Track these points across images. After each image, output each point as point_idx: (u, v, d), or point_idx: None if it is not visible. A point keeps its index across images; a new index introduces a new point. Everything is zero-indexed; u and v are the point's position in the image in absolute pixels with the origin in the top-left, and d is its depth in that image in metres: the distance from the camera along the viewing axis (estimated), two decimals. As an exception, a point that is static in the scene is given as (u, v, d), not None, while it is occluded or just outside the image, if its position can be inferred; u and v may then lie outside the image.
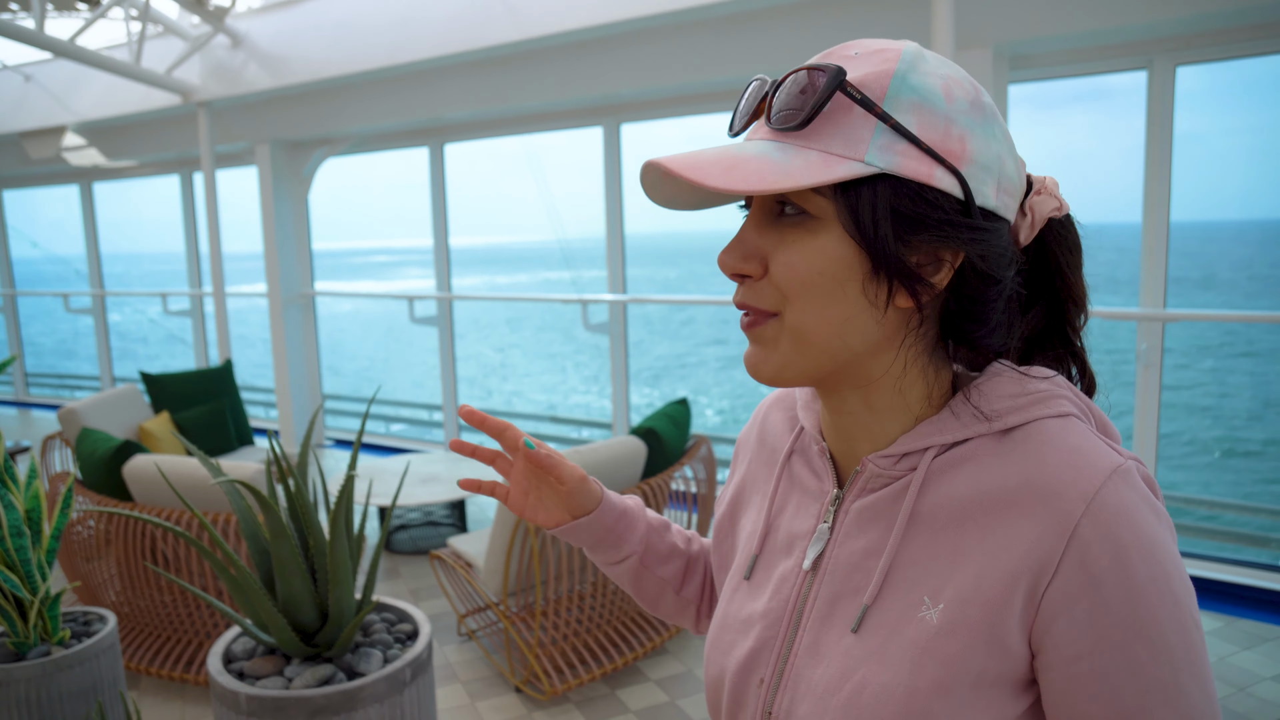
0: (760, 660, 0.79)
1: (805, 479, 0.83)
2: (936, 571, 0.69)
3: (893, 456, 0.74)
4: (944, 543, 0.70)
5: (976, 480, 0.69)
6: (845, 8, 4.31)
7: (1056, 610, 0.64)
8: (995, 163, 0.68)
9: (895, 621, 0.70)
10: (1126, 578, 0.62)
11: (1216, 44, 3.88)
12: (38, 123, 7.72)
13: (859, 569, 0.74)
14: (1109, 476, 0.64)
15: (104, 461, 3.60)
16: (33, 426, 8.80)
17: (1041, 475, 0.66)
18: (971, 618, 0.66)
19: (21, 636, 2.51)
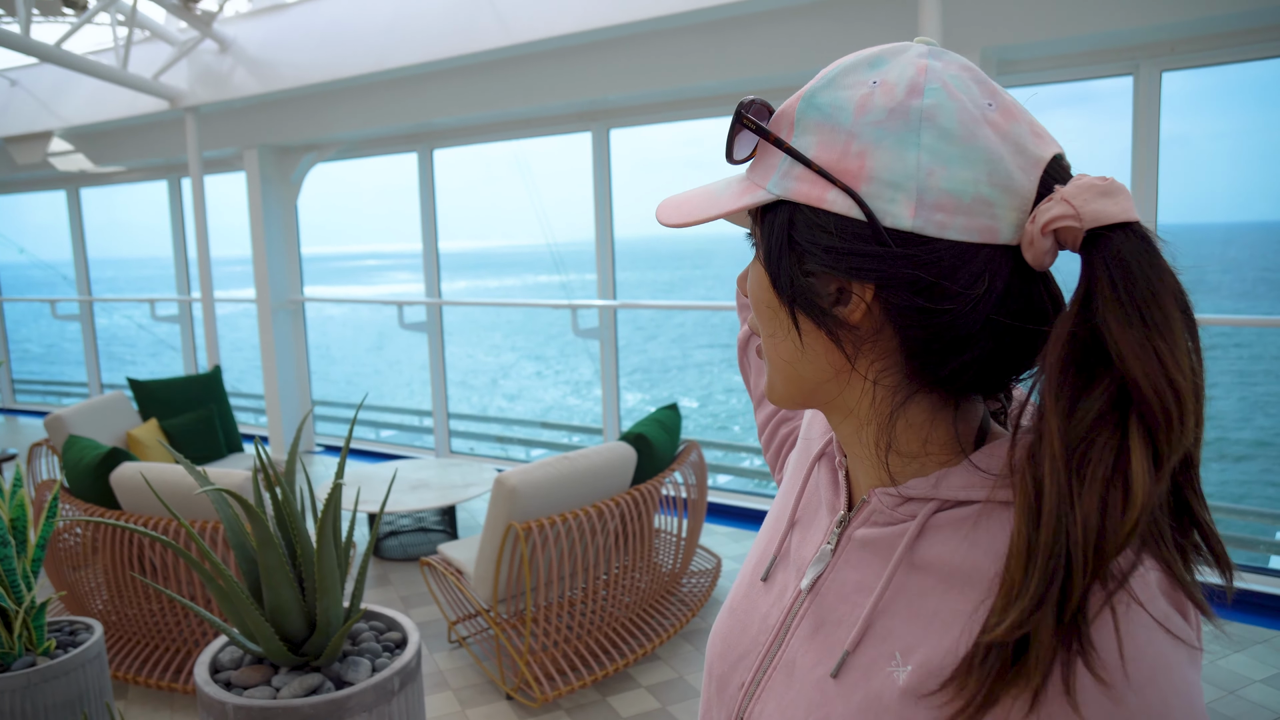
0: (745, 663, 0.79)
1: (825, 488, 0.81)
2: (912, 631, 0.65)
3: (897, 498, 0.70)
4: (927, 603, 0.65)
5: (972, 548, 0.63)
6: (834, 13, 4.32)
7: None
8: (911, 177, 0.58)
9: (866, 668, 0.67)
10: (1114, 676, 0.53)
11: (1201, 50, 3.90)
12: (24, 128, 7.68)
13: (846, 601, 0.72)
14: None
15: (91, 469, 3.58)
16: (19, 434, 8.74)
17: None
18: (931, 689, 0.62)
19: (6, 647, 2.49)
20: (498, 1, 5.05)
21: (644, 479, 3.78)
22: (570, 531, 3.35)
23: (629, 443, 3.74)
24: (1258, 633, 3.70)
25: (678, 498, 3.94)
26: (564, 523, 3.32)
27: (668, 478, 3.84)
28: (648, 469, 3.79)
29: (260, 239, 7.06)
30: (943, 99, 0.61)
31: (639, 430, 3.85)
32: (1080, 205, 0.56)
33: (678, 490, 3.94)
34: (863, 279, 0.60)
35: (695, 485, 4.03)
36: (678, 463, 3.95)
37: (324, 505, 2.09)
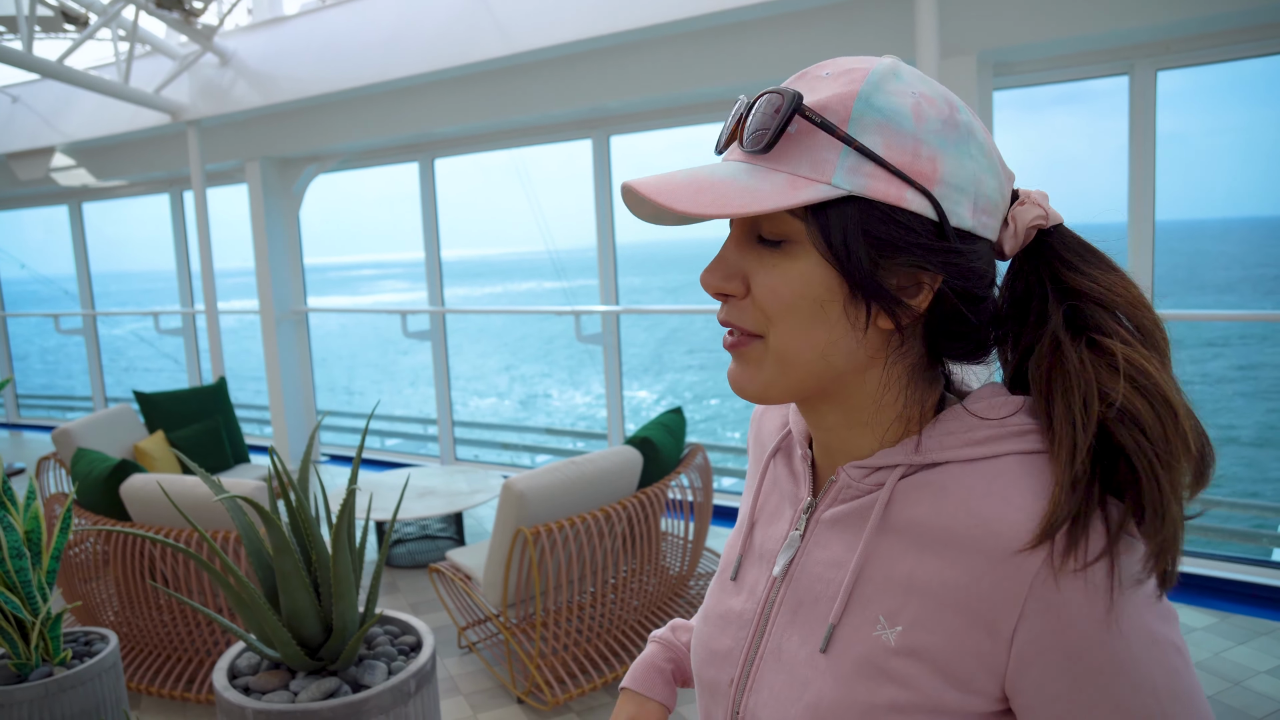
0: (731, 660, 0.80)
1: (784, 482, 0.84)
2: (894, 593, 0.69)
3: (865, 469, 0.74)
4: (904, 565, 0.69)
5: (940, 508, 0.68)
6: (831, 19, 4.36)
7: (1029, 655, 0.63)
8: (970, 183, 0.66)
9: (853, 637, 0.71)
10: (1096, 619, 0.61)
11: (1195, 49, 3.94)
12: (26, 144, 7.72)
13: (821, 579, 0.75)
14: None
15: (101, 481, 3.60)
16: (25, 448, 8.77)
17: (1004, 519, 0.64)
18: (932, 646, 0.66)
19: (23, 658, 2.51)
20: (497, 11, 5.09)
21: (650, 482, 3.80)
22: (578, 535, 3.38)
23: (635, 447, 3.77)
24: (1262, 625, 3.72)
25: (684, 501, 3.97)
26: (572, 527, 3.35)
27: (673, 481, 3.87)
28: (654, 472, 3.82)
29: (263, 250, 7.10)
30: (971, 117, 0.69)
31: (644, 434, 3.88)
32: (1047, 209, 0.71)
33: (684, 493, 3.97)
34: (936, 271, 0.67)
35: (701, 488, 4.06)
36: (683, 466, 3.97)
37: (340, 510, 2.12)
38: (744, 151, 0.68)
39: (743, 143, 0.68)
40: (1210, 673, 3.34)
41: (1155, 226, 4.22)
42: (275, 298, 7.23)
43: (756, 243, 0.69)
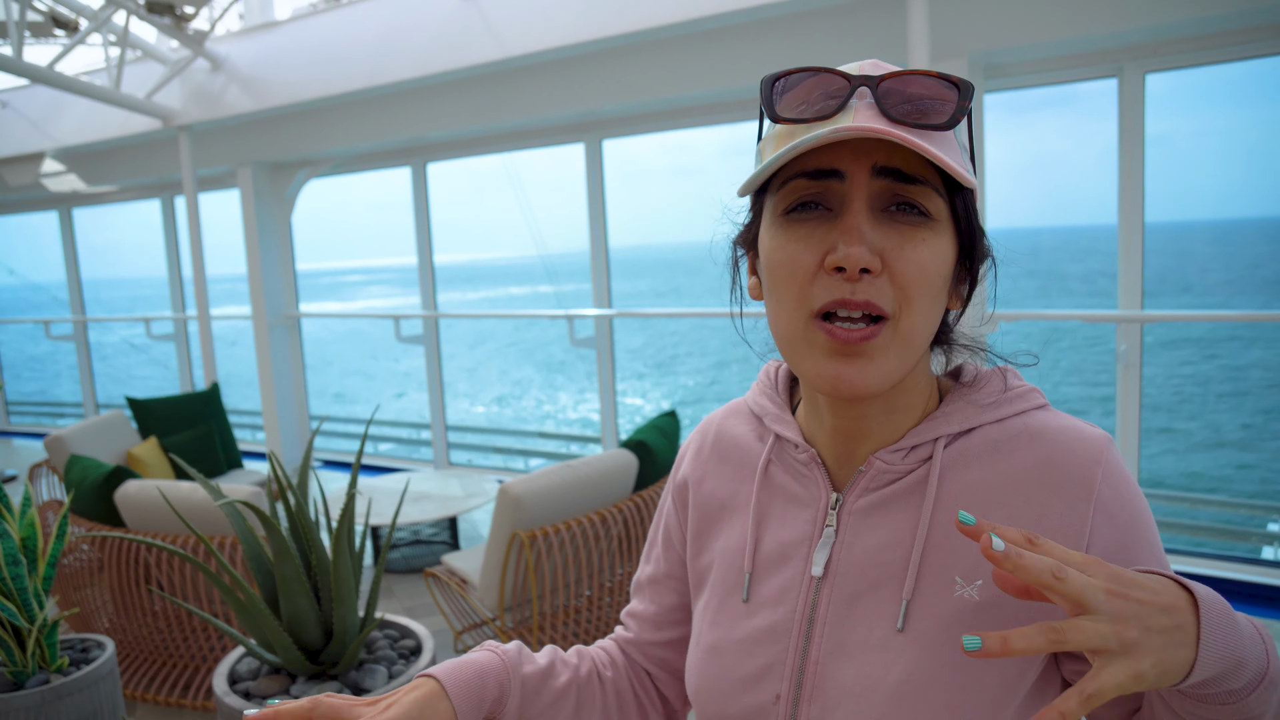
0: (772, 676, 0.78)
1: (788, 487, 0.83)
2: (964, 553, 0.72)
3: (901, 450, 0.76)
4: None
5: (994, 465, 0.74)
6: (824, 21, 4.39)
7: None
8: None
9: (930, 606, 0.73)
10: (1143, 525, 0.73)
11: (1183, 51, 3.98)
12: (15, 150, 7.69)
13: (875, 564, 0.75)
14: (1107, 446, 0.73)
15: (95, 488, 3.59)
16: (16, 455, 8.72)
17: (1056, 454, 0.73)
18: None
19: (20, 665, 2.51)
20: (489, 16, 5.10)
21: (645, 485, 3.81)
22: (574, 539, 3.39)
23: (630, 449, 3.78)
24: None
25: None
26: (568, 530, 3.36)
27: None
28: (649, 475, 3.83)
29: (255, 255, 7.09)
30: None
31: (639, 437, 3.89)
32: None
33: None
34: (987, 255, 0.77)
35: (696, 490, 4.06)
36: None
37: (340, 514, 2.12)
38: (896, 121, 0.66)
39: (890, 111, 0.66)
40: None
41: (1145, 229, 4.25)
42: (267, 303, 7.21)
43: (888, 216, 0.68)
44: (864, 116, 0.66)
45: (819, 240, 0.68)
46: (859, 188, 0.67)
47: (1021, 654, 0.57)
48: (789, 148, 0.66)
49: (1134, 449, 4.37)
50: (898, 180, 0.67)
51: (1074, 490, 0.71)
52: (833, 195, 0.68)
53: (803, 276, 0.69)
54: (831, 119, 0.67)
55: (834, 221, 0.68)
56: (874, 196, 0.68)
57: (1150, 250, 4.53)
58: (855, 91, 0.67)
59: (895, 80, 0.67)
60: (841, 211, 0.68)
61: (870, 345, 0.68)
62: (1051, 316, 4.62)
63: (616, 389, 6.38)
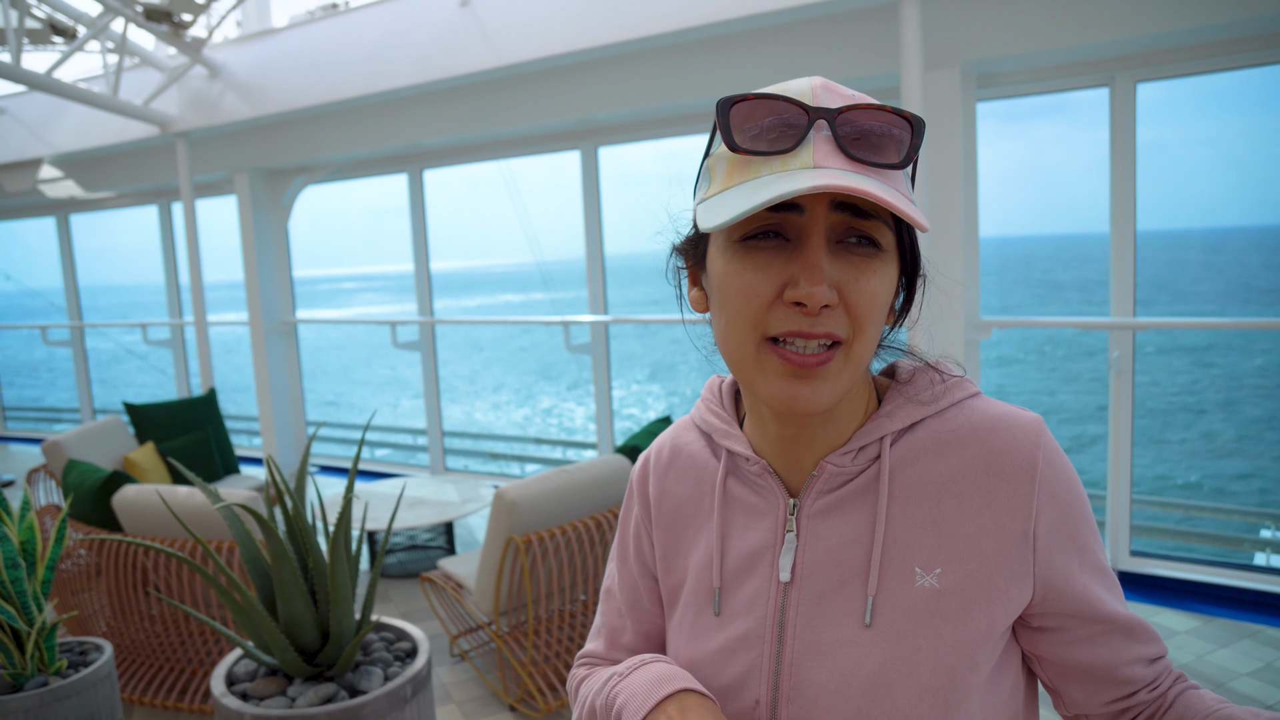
0: (750, 683, 0.79)
1: (746, 499, 0.85)
2: (921, 544, 0.77)
3: (850, 452, 0.80)
4: (921, 517, 0.77)
5: (940, 457, 0.78)
6: (816, 32, 4.42)
7: (1050, 542, 0.77)
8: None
9: (894, 598, 0.76)
10: (1079, 499, 0.79)
11: (1174, 61, 4.02)
12: (13, 156, 7.70)
13: (837, 563, 0.78)
14: (1041, 429, 0.78)
15: (93, 493, 3.61)
16: (13, 460, 8.72)
17: (997, 441, 0.78)
18: (972, 573, 0.75)
19: (19, 667, 2.52)
20: (486, 24, 5.14)
21: (641, 490, 3.83)
22: (570, 543, 3.41)
23: (625, 455, 3.80)
24: (1244, 628, 3.78)
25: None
26: (563, 535, 3.38)
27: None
28: (644, 480, 3.84)
29: (252, 261, 7.11)
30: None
31: (634, 443, 3.91)
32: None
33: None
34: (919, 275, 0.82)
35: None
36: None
37: (337, 518, 2.14)
38: (854, 159, 0.68)
39: (849, 150, 0.68)
40: (1194, 675, 3.39)
41: (1136, 237, 4.29)
42: (264, 309, 7.23)
43: (841, 249, 0.71)
44: (823, 151, 0.68)
45: (777, 271, 0.70)
46: (817, 221, 0.70)
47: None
48: (770, 196, 0.65)
49: (1126, 455, 4.40)
50: (853, 215, 0.70)
51: (1018, 474, 0.76)
52: (790, 227, 0.70)
53: (759, 304, 0.71)
54: (791, 153, 0.68)
55: (792, 252, 0.70)
56: (831, 229, 0.70)
57: (1144, 259, 4.57)
58: (813, 124, 0.69)
59: (851, 114, 0.69)
60: (800, 244, 0.70)
61: (824, 369, 0.71)
62: (1043, 324, 4.65)
63: (613, 395, 6.40)
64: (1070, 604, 0.78)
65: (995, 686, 0.78)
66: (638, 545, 0.97)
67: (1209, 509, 10.24)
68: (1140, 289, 4.38)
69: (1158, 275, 46.93)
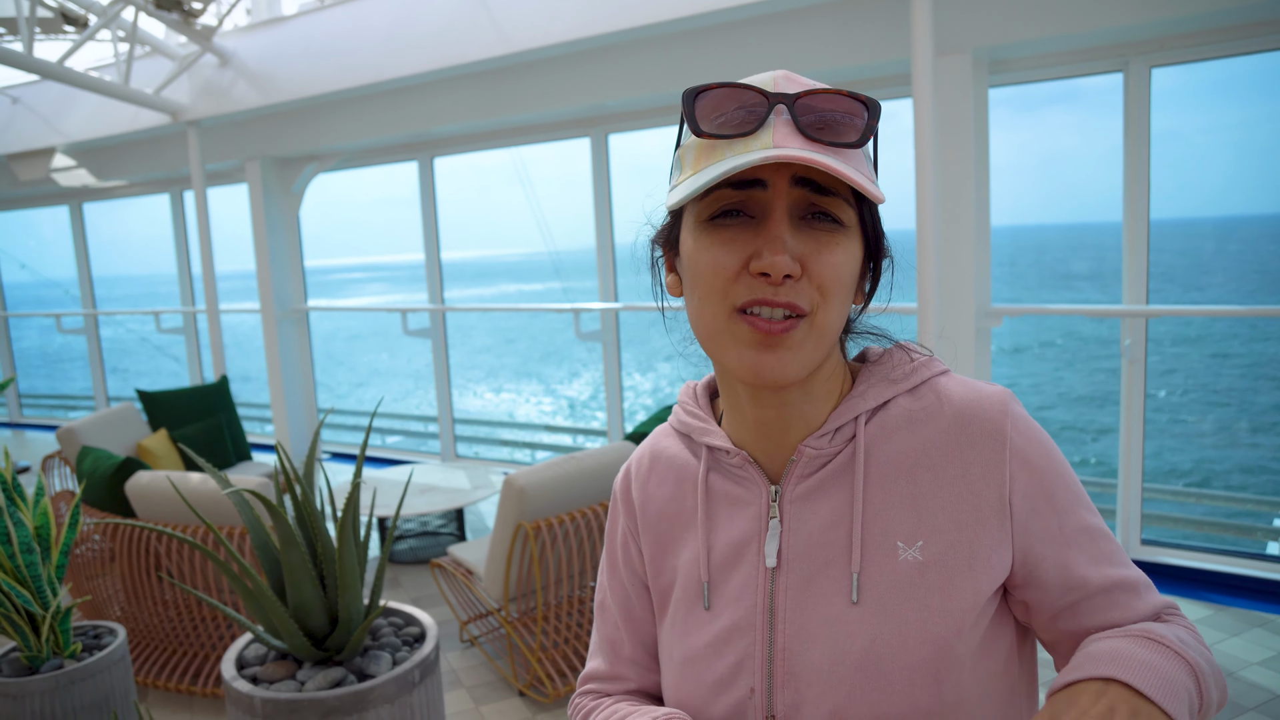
0: (744, 671, 0.80)
1: (729, 492, 0.86)
2: (900, 519, 0.78)
3: (827, 434, 0.81)
4: (899, 492, 0.79)
5: (913, 432, 0.80)
6: (827, 18, 4.40)
7: (1026, 507, 0.78)
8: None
9: (878, 574, 0.77)
10: (1054, 462, 0.80)
11: (1189, 46, 3.98)
12: (26, 145, 7.75)
13: (822, 544, 0.80)
14: (1009, 400, 0.81)
15: (106, 479, 3.64)
16: (28, 447, 8.80)
17: (965, 413, 0.80)
18: (953, 543, 0.76)
19: (34, 650, 2.55)
20: (495, 11, 5.13)
21: (650, 477, 3.83)
22: (578, 530, 3.42)
23: (634, 442, 3.81)
24: (1256, 617, 3.76)
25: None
26: (572, 521, 3.39)
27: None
28: (653, 468, 3.84)
29: (263, 249, 7.13)
30: None
31: (643, 430, 3.92)
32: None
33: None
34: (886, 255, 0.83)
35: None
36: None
37: (345, 503, 2.15)
38: (812, 139, 0.71)
39: (806, 130, 0.71)
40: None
41: (1150, 225, 4.26)
42: (275, 296, 7.26)
43: (805, 224, 0.74)
44: (782, 133, 0.71)
45: (742, 245, 0.73)
46: (779, 196, 0.73)
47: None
48: (728, 168, 0.69)
49: (1138, 442, 4.38)
50: (813, 191, 0.73)
51: (988, 443, 0.78)
52: (755, 203, 0.74)
53: (726, 276, 0.74)
54: (752, 135, 0.72)
55: (756, 228, 0.73)
56: (793, 205, 0.73)
57: (1157, 247, 4.53)
58: (773, 109, 0.72)
59: (810, 98, 0.72)
60: (764, 219, 0.73)
61: (789, 337, 0.73)
62: (1054, 311, 4.62)
63: (623, 382, 6.41)
64: (1051, 569, 0.78)
65: (987, 655, 0.78)
66: (626, 554, 0.97)
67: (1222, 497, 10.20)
68: (1153, 279, 4.35)
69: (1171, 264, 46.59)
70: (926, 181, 3.79)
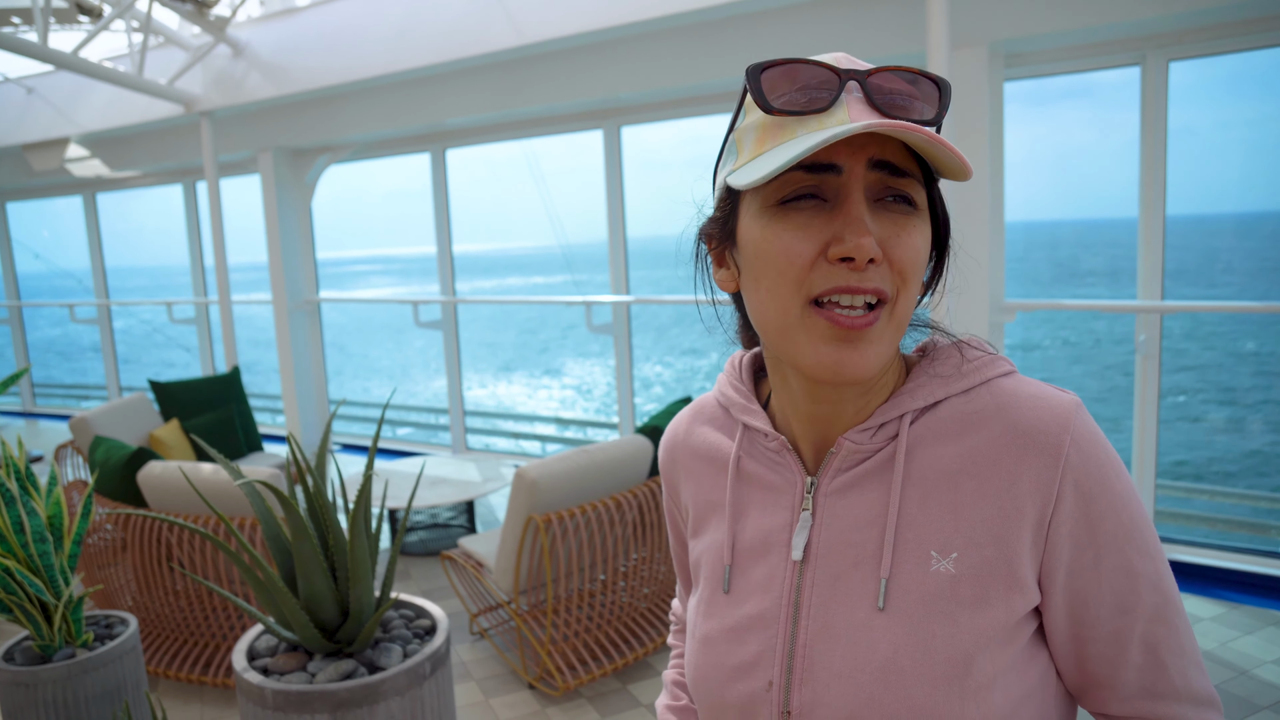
0: (763, 664, 0.78)
1: (763, 477, 0.83)
2: (938, 528, 0.73)
3: (870, 429, 0.77)
4: (939, 499, 0.74)
5: (961, 437, 0.75)
6: (842, 10, 4.37)
7: (1062, 534, 0.71)
8: None
9: (908, 582, 0.73)
10: (1110, 491, 0.72)
11: (1207, 39, 3.93)
12: (40, 135, 7.77)
13: (853, 544, 0.76)
14: (1076, 410, 0.73)
15: (119, 468, 3.65)
16: (41, 436, 8.86)
17: (1022, 421, 0.73)
18: (989, 559, 0.71)
19: (47, 639, 2.56)
20: (509, 2, 5.11)
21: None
22: (589, 523, 3.41)
23: (645, 435, 3.80)
24: (1269, 615, 3.74)
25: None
26: (583, 514, 3.38)
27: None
28: (664, 461, 3.83)
29: (276, 240, 7.15)
30: None
31: (655, 423, 3.91)
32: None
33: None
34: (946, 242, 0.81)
35: (711, 477, 4.08)
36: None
37: (357, 495, 2.15)
38: (893, 119, 0.68)
39: (882, 109, 0.69)
40: (1217, 662, 3.36)
41: (1166, 220, 4.22)
42: (288, 287, 7.27)
43: (878, 207, 0.70)
44: (857, 110, 0.68)
45: (818, 230, 0.69)
46: (856, 179, 0.69)
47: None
48: (817, 141, 0.64)
49: (1152, 438, 4.35)
50: (889, 173, 0.69)
51: (1041, 457, 0.71)
52: (828, 188, 0.70)
53: (801, 265, 0.70)
54: (826, 112, 0.68)
55: (832, 212, 0.69)
56: (868, 188, 0.70)
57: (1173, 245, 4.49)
58: (844, 85, 0.69)
59: (882, 76, 0.69)
60: (840, 203, 0.69)
61: (871, 331, 0.70)
62: (1068, 306, 4.59)
63: (634, 375, 6.40)
64: (1062, 601, 0.73)
65: (1020, 677, 0.74)
66: (673, 520, 1.00)
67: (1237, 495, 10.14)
68: (1167, 276, 4.31)
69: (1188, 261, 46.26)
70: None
